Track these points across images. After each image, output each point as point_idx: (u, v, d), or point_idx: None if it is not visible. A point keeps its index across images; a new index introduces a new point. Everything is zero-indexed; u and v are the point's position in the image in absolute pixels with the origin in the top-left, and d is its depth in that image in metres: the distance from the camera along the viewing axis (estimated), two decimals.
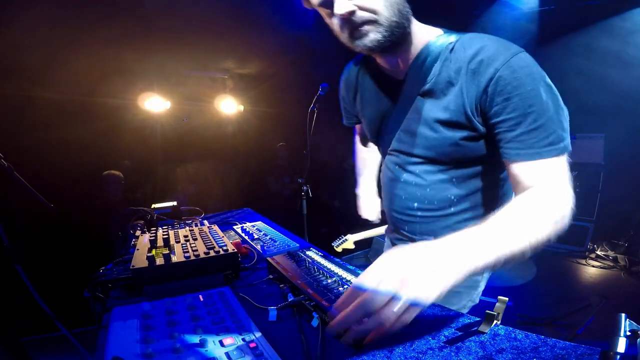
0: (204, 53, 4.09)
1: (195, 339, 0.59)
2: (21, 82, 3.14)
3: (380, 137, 1.06)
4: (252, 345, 0.57)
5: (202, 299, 0.74)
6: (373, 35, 0.79)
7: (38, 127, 3.24)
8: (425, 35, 0.89)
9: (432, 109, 0.88)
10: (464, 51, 0.81)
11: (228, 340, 0.58)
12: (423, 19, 0.91)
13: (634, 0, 3.69)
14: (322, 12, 0.83)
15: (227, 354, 0.55)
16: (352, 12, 0.76)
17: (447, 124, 0.86)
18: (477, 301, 1.06)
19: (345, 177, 1.38)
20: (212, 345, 0.57)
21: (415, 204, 1.00)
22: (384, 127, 1.02)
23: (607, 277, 3.39)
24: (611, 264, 3.62)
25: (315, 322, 0.66)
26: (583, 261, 3.72)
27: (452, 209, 0.97)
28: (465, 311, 1.01)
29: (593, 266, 3.62)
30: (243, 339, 0.59)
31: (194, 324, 0.63)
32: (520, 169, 0.80)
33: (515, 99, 0.76)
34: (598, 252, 3.83)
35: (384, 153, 1.09)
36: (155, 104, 4.15)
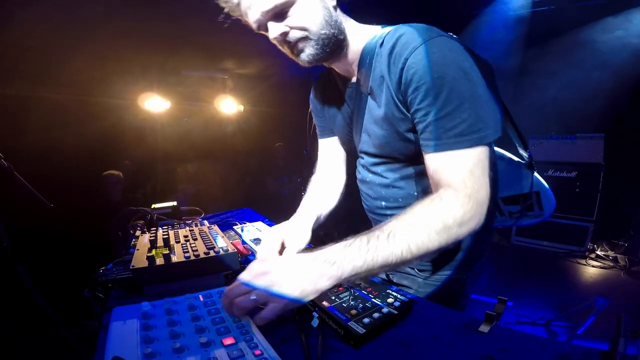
0: (204, 53, 4.08)
1: (195, 339, 0.59)
2: (21, 82, 3.14)
3: (350, 142, 1.08)
4: (252, 345, 0.57)
5: (202, 299, 0.74)
6: (308, 50, 0.83)
7: (38, 127, 3.23)
8: (365, 36, 0.90)
9: (375, 107, 0.89)
10: (388, 43, 0.81)
11: (228, 340, 0.58)
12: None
13: (634, 0, 3.69)
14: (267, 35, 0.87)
15: (227, 353, 0.55)
16: (285, 34, 0.81)
17: (387, 119, 0.86)
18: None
19: (345, 177, 1.35)
20: (212, 345, 0.57)
21: (383, 203, 1.01)
22: (352, 131, 1.03)
23: (607, 277, 3.39)
24: (611, 264, 3.61)
25: (315, 322, 0.66)
26: (583, 261, 3.72)
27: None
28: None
29: (593, 266, 3.62)
30: (243, 339, 0.59)
31: (194, 324, 0.64)
32: (429, 162, 0.78)
33: (422, 87, 0.73)
34: (598, 252, 3.82)
35: (356, 156, 1.10)
36: (155, 104, 4.15)
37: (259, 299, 0.62)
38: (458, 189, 0.71)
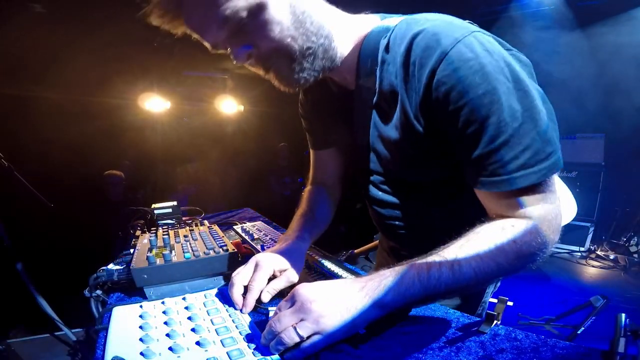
0: (204, 53, 4.09)
1: (195, 338, 0.59)
2: (22, 82, 3.15)
3: (349, 155, 0.95)
4: (253, 345, 0.57)
5: (202, 299, 0.74)
6: (294, 76, 0.64)
7: (38, 127, 3.24)
8: (359, 31, 0.70)
9: (386, 127, 0.71)
10: (398, 47, 0.62)
11: (228, 340, 0.58)
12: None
13: (634, 0, 3.69)
14: None
15: (227, 353, 0.55)
16: (254, 57, 0.63)
17: (400, 144, 0.69)
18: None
19: (345, 177, 1.33)
20: (212, 345, 0.57)
21: (397, 222, 0.87)
22: (355, 146, 0.87)
23: (607, 277, 3.39)
24: (611, 264, 3.61)
25: None
26: (583, 261, 3.72)
27: (439, 226, 0.81)
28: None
29: (593, 266, 3.62)
30: (243, 339, 0.59)
31: (194, 324, 0.63)
32: (485, 199, 0.64)
33: (464, 109, 0.56)
34: (598, 252, 3.83)
35: (357, 170, 0.95)
36: (155, 104, 4.15)
37: (305, 334, 0.53)
38: (532, 220, 0.60)
